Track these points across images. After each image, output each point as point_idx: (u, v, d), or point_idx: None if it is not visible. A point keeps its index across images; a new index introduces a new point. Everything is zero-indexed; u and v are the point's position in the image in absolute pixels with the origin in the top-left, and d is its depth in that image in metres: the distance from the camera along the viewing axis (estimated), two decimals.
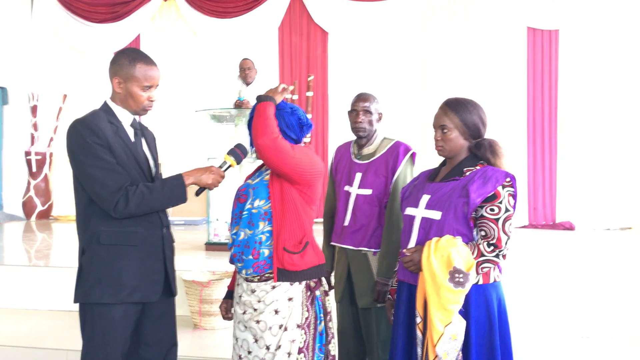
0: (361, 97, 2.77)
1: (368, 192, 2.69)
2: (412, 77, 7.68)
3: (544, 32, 7.48)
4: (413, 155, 2.72)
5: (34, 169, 8.27)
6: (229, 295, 2.43)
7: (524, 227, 7.31)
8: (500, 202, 2.03)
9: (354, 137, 2.86)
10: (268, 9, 7.96)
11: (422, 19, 7.66)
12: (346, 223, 2.73)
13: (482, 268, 2.04)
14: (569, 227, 7.23)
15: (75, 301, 2.24)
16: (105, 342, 2.17)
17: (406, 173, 2.68)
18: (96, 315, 2.18)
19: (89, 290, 2.18)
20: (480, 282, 2.06)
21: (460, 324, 2.00)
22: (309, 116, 7.49)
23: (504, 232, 2.03)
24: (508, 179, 2.05)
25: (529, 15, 7.44)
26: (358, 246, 2.70)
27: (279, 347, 2.14)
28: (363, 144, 2.79)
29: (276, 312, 2.15)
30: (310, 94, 7.83)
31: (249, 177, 2.41)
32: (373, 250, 2.69)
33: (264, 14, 7.97)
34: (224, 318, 2.44)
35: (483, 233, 2.05)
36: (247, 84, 5.84)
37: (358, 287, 2.71)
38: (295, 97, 7.84)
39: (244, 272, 2.22)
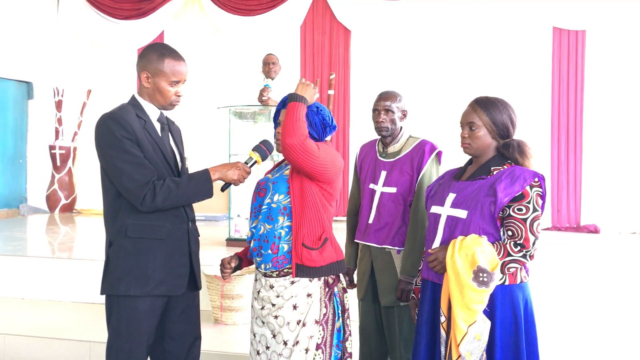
0: (382, 96, 2.76)
1: (393, 190, 2.68)
2: (435, 76, 7.61)
3: (571, 33, 7.37)
4: (439, 154, 2.71)
5: (58, 163, 8.38)
6: (238, 258, 2.40)
7: (547, 229, 7.21)
8: (528, 202, 2.01)
9: (378, 136, 2.85)
10: (291, 7, 7.96)
11: (446, 17, 7.59)
12: (370, 221, 2.72)
13: (509, 268, 2.02)
14: (594, 230, 7.11)
15: (101, 293, 2.27)
16: (130, 334, 2.20)
17: (432, 172, 2.66)
18: (122, 307, 2.20)
19: (116, 282, 2.20)
20: (507, 283, 2.05)
21: (485, 324, 1.98)
22: None
23: (532, 233, 2.01)
24: (536, 179, 2.03)
25: (555, 15, 7.33)
26: (382, 244, 2.69)
27: (296, 342, 2.14)
28: (388, 142, 2.78)
29: (294, 307, 2.16)
30: (331, 92, 7.81)
31: (269, 172, 2.41)
32: (397, 248, 2.68)
33: (287, 12, 7.98)
34: (224, 270, 2.37)
35: (510, 233, 2.03)
36: (271, 79, 5.83)
37: (381, 285, 2.70)
38: (317, 95, 7.83)
39: (262, 266, 2.23)
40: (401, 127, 2.78)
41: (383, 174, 2.73)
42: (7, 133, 8.37)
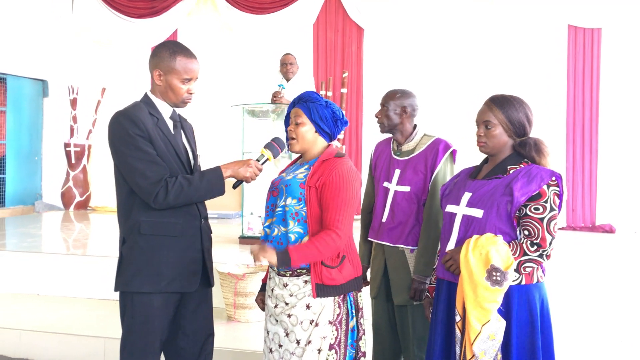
0: (384, 94, 2.80)
1: (406, 189, 2.66)
2: (449, 74, 7.57)
3: (586, 31, 7.29)
4: (453, 153, 2.68)
5: (73, 161, 8.46)
6: (264, 287, 2.43)
7: (562, 229, 7.15)
8: (545, 201, 1.98)
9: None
10: (304, 5, 7.96)
11: (460, 15, 7.54)
12: (384, 219, 2.71)
13: (525, 268, 2.00)
14: (609, 230, 7.05)
15: (115, 289, 2.28)
16: (144, 331, 2.21)
17: (446, 170, 2.64)
18: (136, 304, 2.21)
19: (130, 279, 2.21)
20: (523, 283, 2.02)
21: (499, 323, 1.96)
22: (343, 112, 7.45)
23: (549, 232, 1.98)
24: (553, 178, 2.00)
25: (570, 13, 7.25)
26: (395, 243, 2.68)
27: (309, 342, 2.13)
28: (401, 140, 2.76)
29: (308, 307, 2.15)
30: (344, 90, 7.81)
31: (283, 171, 2.40)
32: (410, 247, 2.66)
33: (300, 10, 7.97)
34: (262, 309, 2.44)
35: (527, 232, 2.01)
36: (287, 79, 5.83)
37: (394, 284, 2.68)
38: (330, 93, 7.83)
39: (275, 267, 2.22)
40: (415, 126, 2.76)
41: (397, 172, 2.71)
42: (22, 131, 8.46)
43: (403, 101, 2.73)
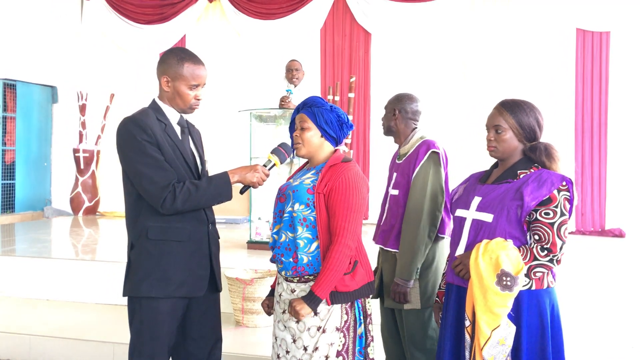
0: None
1: (396, 192, 2.68)
2: (456, 79, 7.55)
3: (595, 34, 7.25)
4: (438, 154, 2.60)
5: (82, 166, 8.50)
6: (272, 293, 2.43)
7: (572, 233, 7.09)
8: (556, 206, 1.97)
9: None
10: (311, 10, 7.97)
11: (467, 19, 7.53)
12: (382, 222, 2.73)
13: (535, 273, 1.99)
14: (619, 234, 6.99)
15: (124, 294, 2.29)
16: (152, 336, 2.21)
17: (427, 172, 2.57)
18: (144, 308, 2.22)
19: (138, 284, 2.22)
20: (533, 288, 2.01)
21: (509, 328, 1.95)
22: (350, 117, 7.48)
23: (559, 237, 1.97)
24: (564, 183, 1.99)
25: (578, 16, 7.22)
26: (385, 246, 2.68)
27: (316, 348, 2.13)
28: (399, 144, 2.77)
29: (315, 313, 2.14)
30: (352, 95, 7.81)
31: (290, 177, 2.40)
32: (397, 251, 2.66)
33: (307, 16, 7.99)
34: (267, 314, 2.44)
35: (537, 237, 2.00)
36: (294, 85, 5.84)
37: (385, 287, 2.71)
38: (337, 98, 7.83)
39: (283, 273, 2.23)
40: (414, 129, 2.74)
41: (394, 176, 2.73)
42: (32, 136, 8.52)
43: (395, 104, 2.73)
